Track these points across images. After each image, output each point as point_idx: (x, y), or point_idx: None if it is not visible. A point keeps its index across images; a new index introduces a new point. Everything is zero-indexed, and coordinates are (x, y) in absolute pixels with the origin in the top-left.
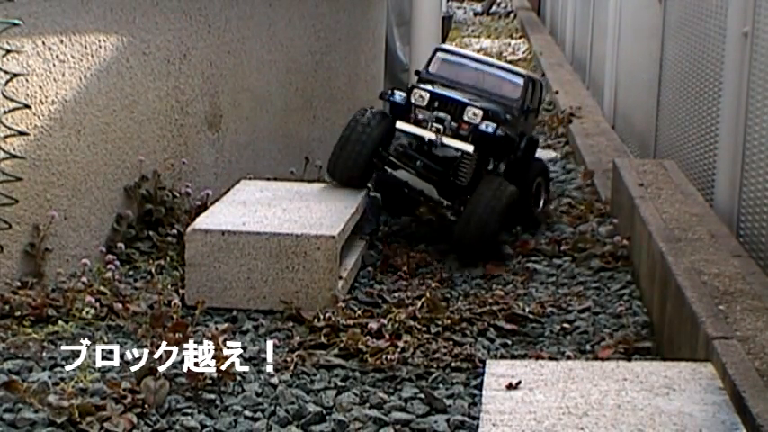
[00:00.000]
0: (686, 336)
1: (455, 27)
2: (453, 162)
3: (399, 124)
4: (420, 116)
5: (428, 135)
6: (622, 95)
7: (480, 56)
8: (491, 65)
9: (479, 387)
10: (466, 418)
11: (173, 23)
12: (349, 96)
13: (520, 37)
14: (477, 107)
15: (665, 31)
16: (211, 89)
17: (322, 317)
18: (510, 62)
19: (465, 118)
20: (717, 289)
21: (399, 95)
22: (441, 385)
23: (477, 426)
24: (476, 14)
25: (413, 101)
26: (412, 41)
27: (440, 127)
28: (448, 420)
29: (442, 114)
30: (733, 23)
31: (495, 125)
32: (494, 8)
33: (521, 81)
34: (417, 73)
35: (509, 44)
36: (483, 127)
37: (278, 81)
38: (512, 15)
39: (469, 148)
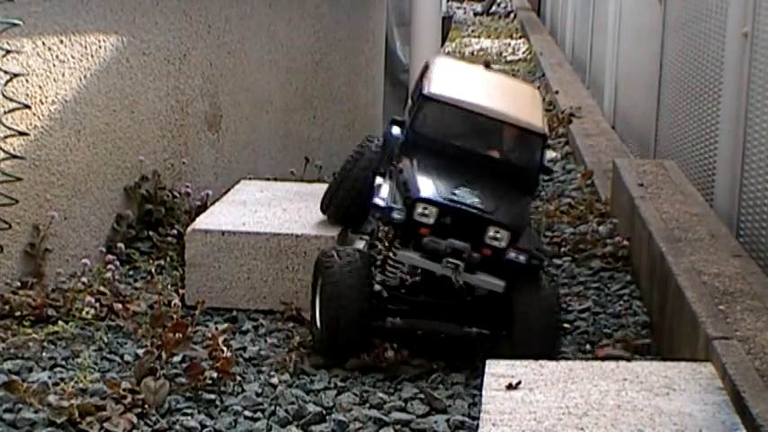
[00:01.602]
0: (686, 336)
1: (455, 27)
2: (475, 290)
3: (401, 254)
4: (429, 244)
5: (442, 272)
6: (622, 95)
7: (482, 98)
8: (496, 118)
9: (479, 387)
10: (466, 419)
11: (173, 23)
12: (349, 96)
13: (520, 37)
14: (501, 225)
15: (665, 31)
16: (211, 89)
17: None
18: (510, 62)
19: (486, 239)
20: (717, 289)
21: (398, 214)
22: (441, 385)
23: (477, 426)
24: (476, 14)
25: (415, 217)
26: (412, 41)
27: (458, 263)
28: (448, 420)
29: (458, 244)
30: (733, 23)
31: (527, 254)
32: (494, 8)
33: (539, 141)
34: (397, 123)
35: (509, 44)
36: (512, 256)
37: (278, 81)
38: (512, 15)
39: (500, 284)
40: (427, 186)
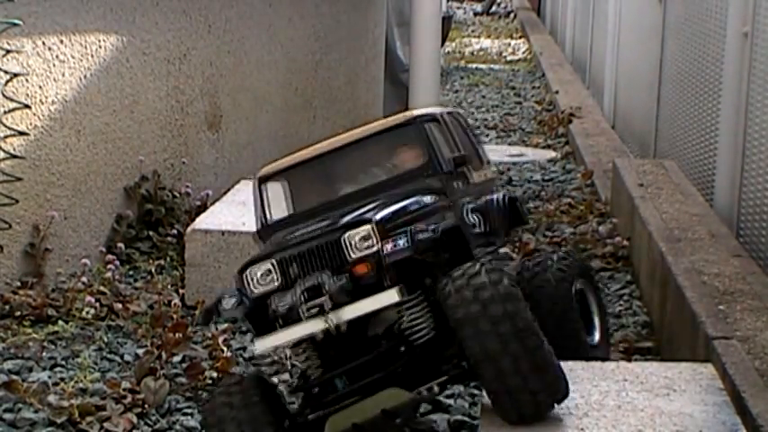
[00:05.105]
0: (686, 336)
1: (455, 27)
2: (387, 329)
3: (258, 345)
4: (277, 307)
5: (312, 329)
6: (622, 95)
7: (322, 144)
8: (348, 143)
9: (479, 387)
10: (466, 419)
11: (173, 23)
12: (349, 96)
13: (520, 37)
14: (353, 225)
15: (665, 31)
16: (211, 89)
17: None
18: (510, 62)
19: (350, 254)
20: (717, 289)
21: (228, 301)
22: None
23: (477, 426)
24: (476, 14)
25: (252, 289)
26: (412, 41)
27: (320, 303)
28: (448, 420)
29: (307, 280)
30: (733, 23)
31: (407, 235)
32: (494, 8)
33: (413, 134)
34: (259, 235)
35: (509, 44)
36: (389, 249)
37: (278, 81)
38: (512, 15)
39: (392, 296)
40: (261, 252)
